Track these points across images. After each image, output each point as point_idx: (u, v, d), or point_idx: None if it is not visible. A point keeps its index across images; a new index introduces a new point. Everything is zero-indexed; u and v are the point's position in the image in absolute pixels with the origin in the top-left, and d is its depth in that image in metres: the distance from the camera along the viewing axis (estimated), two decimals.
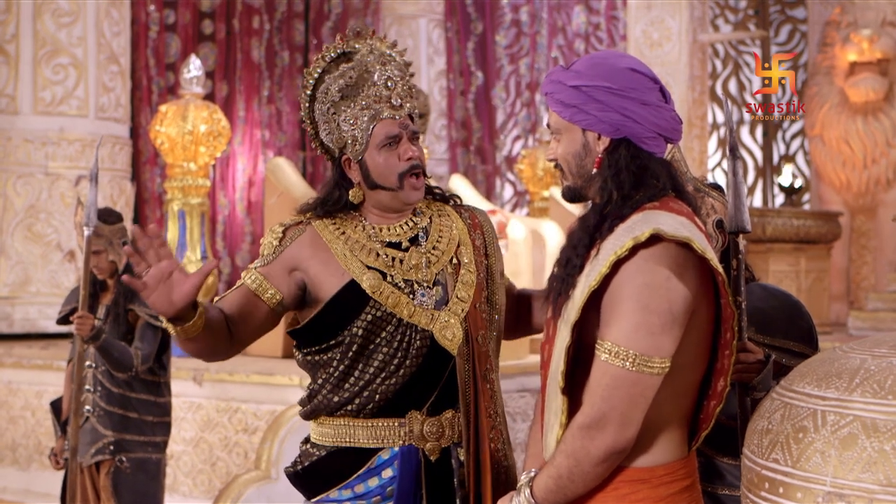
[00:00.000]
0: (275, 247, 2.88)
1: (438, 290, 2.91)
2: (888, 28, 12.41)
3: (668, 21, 11.63)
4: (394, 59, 2.91)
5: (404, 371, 2.84)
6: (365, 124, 2.84)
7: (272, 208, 7.78)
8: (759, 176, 16.79)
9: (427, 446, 2.86)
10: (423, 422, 2.86)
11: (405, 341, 2.85)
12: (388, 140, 2.85)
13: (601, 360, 2.33)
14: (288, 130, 12.25)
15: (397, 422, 2.85)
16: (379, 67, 2.86)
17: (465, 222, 3.03)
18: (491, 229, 3.09)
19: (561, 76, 2.52)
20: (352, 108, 2.85)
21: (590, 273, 2.37)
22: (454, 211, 3.05)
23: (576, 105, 2.46)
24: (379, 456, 2.85)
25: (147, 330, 5.03)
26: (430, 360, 2.86)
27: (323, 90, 2.89)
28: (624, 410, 2.30)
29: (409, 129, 2.88)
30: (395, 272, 2.88)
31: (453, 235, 2.98)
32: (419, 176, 2.90)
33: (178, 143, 7.74)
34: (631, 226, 2.36)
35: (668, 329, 2.30)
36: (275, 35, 12.14)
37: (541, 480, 2.40)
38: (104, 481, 5.05)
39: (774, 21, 17.28)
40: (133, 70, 10.33)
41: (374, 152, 2.86)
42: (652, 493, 2.39)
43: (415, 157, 2.87)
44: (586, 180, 2.50)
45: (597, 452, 2.32)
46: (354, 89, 2.86)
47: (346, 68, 2.86)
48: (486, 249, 3.03)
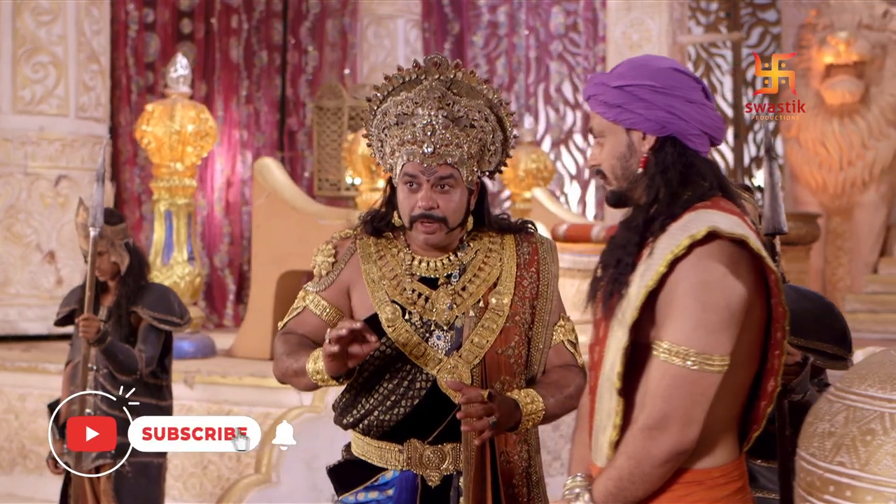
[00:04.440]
0: (330, 267, 2.98)
1: (452, 335, 2.92)
2: (864, 31, 12.50)
3: (647, 22, 11.66)
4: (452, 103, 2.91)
5: (401, 409, 2.90)
6: (398, 159, 2.91)
7: (260, 209, 7.73)
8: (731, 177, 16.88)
9: (427, 473, 2.91)
10: (424, 449, 2.91)
11: (408, 379, 2.89)
12: (408, 179, 2.89)
13: (660, 360, 2.31)
14: (266, 131, 12.19)
15: (398, 447, 2.92)
16: (427, 109, 2.89)
17: (521, 258, 3.00)
18: (552, 267, 3.04)
19: (603, 79, 2.52)
20: (398, 138, 2.91)
21: (645, 273, 2.36)
22: (513, 244, 3.02)
23: (620, 105, 2.46)
24: (383, 475, 2.94)
25: (150, 332, 4.97)
26: (431, 402, 2.90)
27: (383, 111, 2.96)
28: (686, 410, 2.29)
29: (434, 175, 2.87)
30: (417, 310, 2.91)
31: (492, 274, 2.97)
32: (432, 224, 2.89)
33: (165, 143, 7.67)
34: (685, 224, 2.36)
35: (726, 326, 2.30)
36: (253, 35, 12.08)
37: (600, 483, 2.38)
38: (105, 486, 4.99)
39: (745, 23, 17.38)
40: (112, 69, 10.23)
41: (400, 187, 2.93)
42: (707, 496, 2.38)
43: (427, 208, 2.87)
44: (632, 182, 2.49)
45: (659, 454, 2.30)
46: (405, 119, 2.91)
47: (406, 97, 2.92)
48: (538, 289, 3.00)
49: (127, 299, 4.99)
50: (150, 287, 5.13)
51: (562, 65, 14.70)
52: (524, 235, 3.04)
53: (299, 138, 12.50)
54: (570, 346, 3.04)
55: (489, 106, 2.97)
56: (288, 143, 12.38)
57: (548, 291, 3.00)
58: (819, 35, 12.74)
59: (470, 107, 2.93)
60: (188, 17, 11.55)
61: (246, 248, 11.85)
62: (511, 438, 2.94)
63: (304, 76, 12.58)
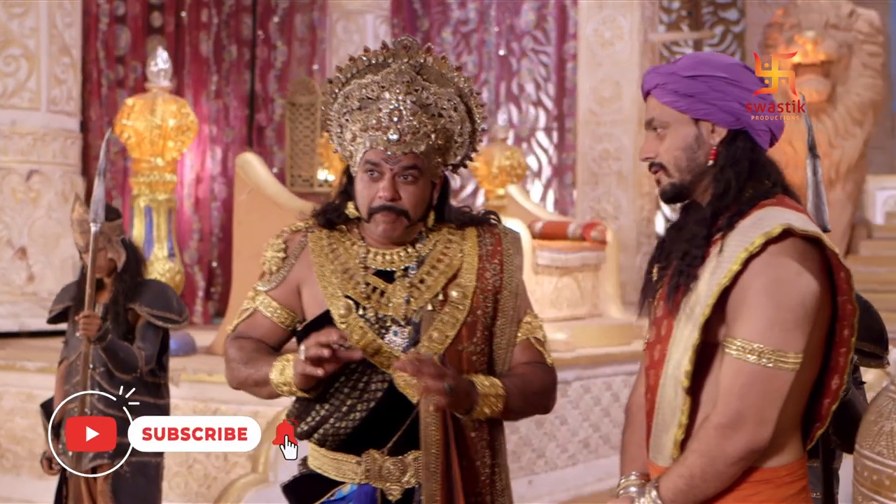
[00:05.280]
0: (280, 263, 2.81)
1: (410, 331, 2.74)
2: (831, 30, 12.61)
3: (619, 20, 11.70)
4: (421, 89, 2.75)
5: (357, 414, 2.71)
6: (359, 146, 2.71)
7: (242, 205, 7.64)
8: None
9: (387, 486, 2.72)
10: (383, 461, 2.72)
11: (363, 381, 2.71)
12: (369, 167, 2.69)
13: (732, 358, 2.30)
14: (235, 126, 12.09)
15: (355, 459, 2.73)
16: (394, 94, 2.72)
17: (483, 249, 2.83)
18: (516, 259, 2.87)
19: (671, 68, 2.49)
20: (360, 123, 2.72)
21: (716, 270, 2.34)
22: (475, 235, 2.85)
23: (694, 94, 2.43)
24: (339, 490, 2.75)
25: (149, 330, 4.89)
26: (389, 404, 2.71)
27: (346, 94, 2.78)
28: (760, 408, 2.28)
29: (398, 164, 2.68)
30: (371, 305, 2.74)
31: (451, 266, 2.79)
32: (392, 216, 2.71)
33: (146, 138, 7.56)
34: (756, 222, 2.34)
35: (800, 324, 2.29)
36: (223, 29, 11.99)
37: (669, 481, 2.35)
38: (102, 486, 4.89)
39: (707, 22, 17.50)
40: (83, 63, 10.08)
41: (360, 175, 2.72)
42: (774, 494, 2.37)
43: (389, 199, 2.69)
44: (696, 175, 2.46)
45: (733, 452, 2.29)
46: (370, 104, 2.73)
47: (372, 80, 2.75)
48: (502, 281, 2.82)
49: (124, 296, 4.90)
50: (147, 284, 5.04)
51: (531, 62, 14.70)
52: (487, 227, 2.86)
53: (268, 134, 12.41)
54: (537, 344, 2.84)
55: (459, 95, 2.80)
56: (257, 138, 12.28)
57: (512, 283, 2.82)
58: (786, 34, 12.82)
59: (439, 94, 2.77)
60: (158, 11, 11.44)
61: (215, 245, 11.74)
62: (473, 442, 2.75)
63: (273, 71, 12.50)
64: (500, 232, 2.87)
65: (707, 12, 17.52)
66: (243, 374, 2.74)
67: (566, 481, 7.95)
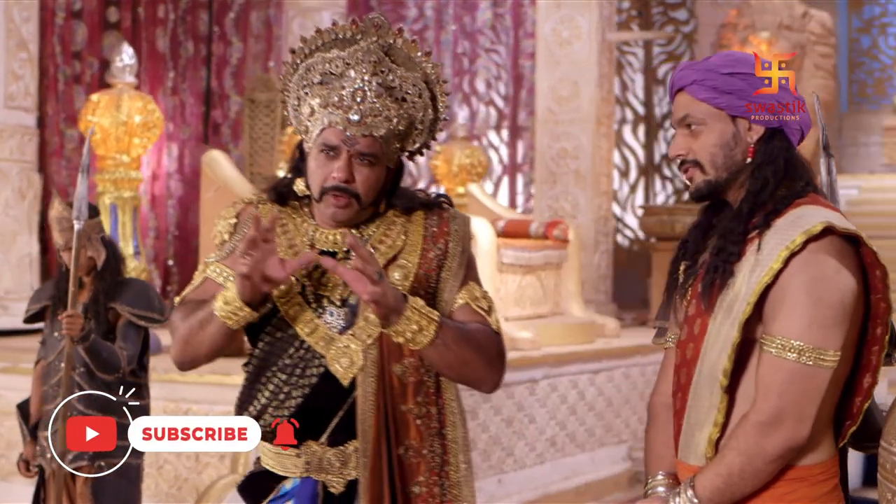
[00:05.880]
0: (232, 229, 2.73)
1: (346, 311, 2.65)
2: (785, 31, 12.75)
3: (577, 19, 11.73)
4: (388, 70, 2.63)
5: (293, 401, 2.63)
6: (316, 122, 2.61)
7: (209, 202, 7.57)
8: (642, 175, 17.09)
9: (329, 478, 2.64)
10: (323, 452, 2.63)
11: (300, 367, 2.63)
12: (325, 148, 2.59)
13: (771, 355, 2.31)
14: (192, 123, 11.97)
15: (295, 452, 2.64)
16: (360, 73, 2.60)
17: (429, 231, 2.72)
18: (462, 243, 2.74)
19: (708, 65, 2.49)
20: (320, 98, 2.60)
21: (755, 268, 2.34)
22: (422, 217, 2.75)
23: (732, 92, 2.44)
24: (283, 485, 2.67)
25: (130, 329, 4.81)
26: (323, 390, 2.62)
27: (308, 66, 2.65)
28: (800, 406, 2.29)
29: (356, 147, 2.58)
30: (312, 284, 2.65)
31: (393, 247, 2.69)
32: (344, 198, 2.61)
33: (112, 134, 7.46)
34: (795, 220, 2.36)
35: (839, 322, 2.30)
36: (179, 25, 11.85)
37: (706, 479, 2.34)
38: (82, 489, 4.81)
39: (657, 22, 17.59)
40: (40, 58, 9.93)
41: (314, 154, 2.62)
42: (809, 492, 2.38)
43: (343, 181, 2.58)
44: (733, 173, 2.47)
45: (773, 450, 2.29)
46: (333, 80, 2.61)
47: (338, 55, 2.61)
48: (444, 262, 2.70)
49: (105, 295, 4.82)
50: (128, 282, 4.97)
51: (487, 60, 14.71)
52: (436, 210, 2.76)
53: (224, 131, 12.31)
54: (479, 309, 2.69)
55: (425, 81, 2.70)
56: (213, 135, 12.16)
57: (453, 265, 2.70)
58: (740, 35, 12.95)
59: (406, 78, 2.66)
60: (115, 6, 11.28)
61: (172, 243, 11.63)
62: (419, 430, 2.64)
63: (229, 68, 12.40)
64: (448, 216, 2.75)
65: (657, 12, 17.61)
66: (186, 326, 2.62)
67: (534, 480, 7.95)
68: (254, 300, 2.54)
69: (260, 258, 2.49)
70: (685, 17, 17.24)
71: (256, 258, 2.49)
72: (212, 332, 2.59)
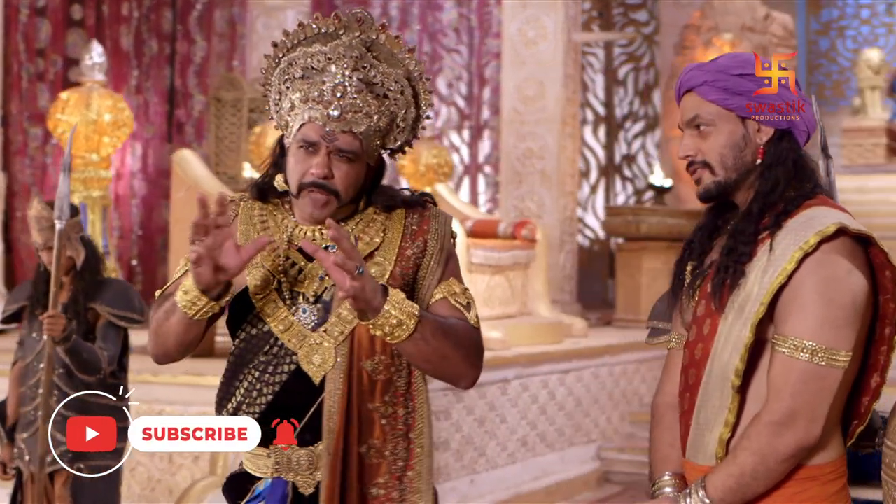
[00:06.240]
0: None
1: (320, 308, 2.61)
2: (748, 33, 12.83)
3: (543, 19, 11.72)
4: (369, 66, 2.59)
5: (263, 399, 2.60)
6: (296, 117, 2.58)
7: (179, 202, 7.52)
8: (602, 175, 17.15)
9: (298, 479, 2.60)
10: (292, 452, 2.59)
11: (273, 364, 2.59)
12: (304, 143, 2.56)
13: (784, 356, 2.32)
14: (156, 122, 11.88)
15: (265, 451, 2.61)
16: (341, 68, 2.56)
17: (408, 228, 2.67)
18: (441, 241, 2.69)
19: (718, 66, 2.49)
20: (301, 93, 2.57)
21: (767, 269, 2.35)
22: (403, 215, 2.69)
23: (743, 93, 2.45)
24: (257, 486, 2.66)
25: (110, 330, 4.77)
26: (294, 388, 2.59)
27: (289, 60, 2.62)
28: (812, 406, 2.31)
29: (335, 143, 2.55)
30: (287, 280, 2.61)
31: (370, 244, 2.64)
32: (322, 195, 2.57)
33: (81, 133, 7.37)
34: (807, 221, 2.37)
35: (850, 322, 2.32)
36: (143, 23, 11.75)
37: (718, 479, 2.35)
38: (61, 492, 4.76)
39: (618, 23, 17.65)
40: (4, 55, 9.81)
41: (293, 149, 2.59)
42: (820, 492, 2.39)
43: (321, 177, 2.55)
44: (742, 174, 2.48)
45: (785, 449, 2.30)
46: (314, 75, 2.58)
47: (319, 50, 2.58)
48: (421, 261, 2.66)
49: (84, 295, 4.77)
50: (108, 282, 4.93)
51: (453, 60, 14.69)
52: (417, 208, 2.70)
53: (188, 130, 12.22)
54: (457, 304, 2.65)
55: (408, 78, 2.66)
56: (177, 134, 12.08)
57: (431, 264, 2.66)
58: (704, 36, 13.02)
59: (388, 75, 2.62)
60: (79, 4, 11.16)
61: (136, 243, 11.54)
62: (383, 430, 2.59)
63: (193, 67, 12.31)
64: (430, 214, 2.70)
65: (618, 13, 17.68)
66: (155, 319, 2.60)
67: (506, 480, 7.96)
68: (210, 288, 2.50)
69: (212, 244, 2.45)
70: (645, 19, 17.32)
71: (208, 244, 2.45)
72: (175, 322, 2.56)
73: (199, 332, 2.62)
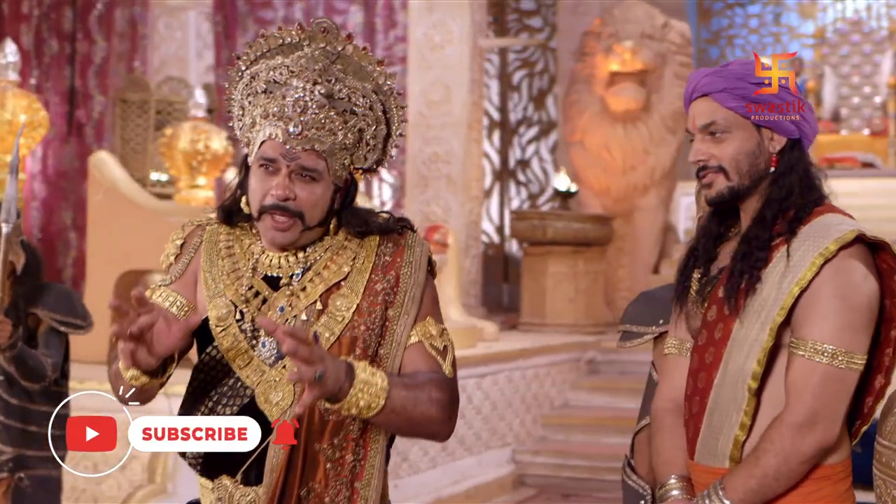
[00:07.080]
0: (178, 251, 2.54)
1: None
2: (647, 40, 13.01)
3: (449, 24, 11.76)
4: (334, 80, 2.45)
5: None
6: (258, 134, 2.44)
7: (97, 205, 7.35)
8: (497, 179, 17.27)
9: None
10: (235, 489, 2.45)
11: (227, 396, 2.46)
12: (265, 162, 2.41)
13: (804, 359, 2.38)
14: (56, 123, 11.59)
15: (210, 484, 2.49)
16: (303, 81, 2.41)
17: (380, 259, 2.49)
18: (415, 275, 2.48)
19: (735, 73, 2.54)
20: (262, 108, 2.43)
21: (786, 274, 2.40)
22: (375, 244, 2.51)
23: (759, 102, 2.49)
24: None
25: (52, 336, 4.63)
26: None
27: (253, 73, 2.49)
28: (833, 407, 2.38)
29: (296, 162, 2.39)
30: (250, 312, 2.45)
31: (338, 273, 2.48)
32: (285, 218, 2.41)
33: None
34: (822, 228, 2.43)
35: (866, 325, 2.40)
36: (43, 22, 11.48)
37: (738, 482, 2.39)
38: (1, 500, 4.62)
39: (512, 29, 17.79)
40: None
41: (254, 168, 2.44)
42: (832, 490, 2.46)
43: (282, 198, 2.39)
44: (755, 180, 2.53)
45: (808, 450, 2.37)
46: (276, 89, 2.44)
47: (282, 63, 2.44)
48: (393, 298, 2.47)
49: (25, 300, 4.63)
50: (49, 287, 4.79)
51: None
52: (392, 236, 2.51)
53: (87, 132, 11.97)
54: (433, 351, 2.46)
55: (377, 92, 2.50)
56: (76, 135, 11.82)
57: (404, 301, 2.46)
58: (604, 43, 13.15)
59: (354, 89, 2.46)
60: None
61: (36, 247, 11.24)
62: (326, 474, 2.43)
63: (93, 67, 12.06)
64: (405, 243, 2.51)
65: (512, 19, 17.81)
66: (112, 370, 2.47)
67: (428, 484, 7.96)
68: (149, 367, 2.32)
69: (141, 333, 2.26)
70: (540, 25, 17.49)
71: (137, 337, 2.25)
72: (127, 387, 2.40)
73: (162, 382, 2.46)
